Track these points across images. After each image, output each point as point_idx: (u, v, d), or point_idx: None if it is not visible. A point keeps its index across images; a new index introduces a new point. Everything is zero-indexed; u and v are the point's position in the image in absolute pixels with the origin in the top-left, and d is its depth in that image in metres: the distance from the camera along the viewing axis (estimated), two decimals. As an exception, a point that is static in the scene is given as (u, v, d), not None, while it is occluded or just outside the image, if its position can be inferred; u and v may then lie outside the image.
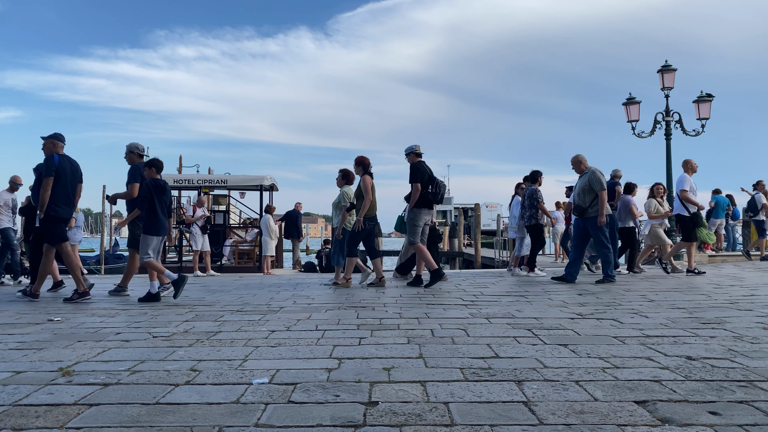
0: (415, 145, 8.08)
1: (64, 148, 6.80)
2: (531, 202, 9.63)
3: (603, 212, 8.08)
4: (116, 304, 6.29)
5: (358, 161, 8.17)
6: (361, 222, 7.84)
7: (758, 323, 4.37)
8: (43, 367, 3.17)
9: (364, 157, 8.20)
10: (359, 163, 8.14)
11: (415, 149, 8.04)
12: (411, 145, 8.13)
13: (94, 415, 2.31)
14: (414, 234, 7.87)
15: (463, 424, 2.15)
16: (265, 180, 15.16)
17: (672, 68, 13.68)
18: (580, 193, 8.36)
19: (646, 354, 3.32)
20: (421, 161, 8.00)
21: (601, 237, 8.23)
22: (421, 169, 7.88)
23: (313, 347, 3.64)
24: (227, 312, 5.41)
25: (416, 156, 8.01)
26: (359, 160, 8.16)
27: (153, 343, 3.84)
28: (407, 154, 8.10)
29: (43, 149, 6.75)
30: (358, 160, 8.18)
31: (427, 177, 7.87)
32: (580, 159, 8.56)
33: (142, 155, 7.54)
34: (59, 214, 6.57)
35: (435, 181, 7.94)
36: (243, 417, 2.26)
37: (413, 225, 7.87)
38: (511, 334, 4.00)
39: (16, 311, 5.68)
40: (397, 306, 5.71)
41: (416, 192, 7.76)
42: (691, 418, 2.20)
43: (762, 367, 2.98)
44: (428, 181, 7.86)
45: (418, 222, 7.86)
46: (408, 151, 8.10)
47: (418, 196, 7.76)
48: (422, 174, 7.84)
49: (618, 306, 5.51)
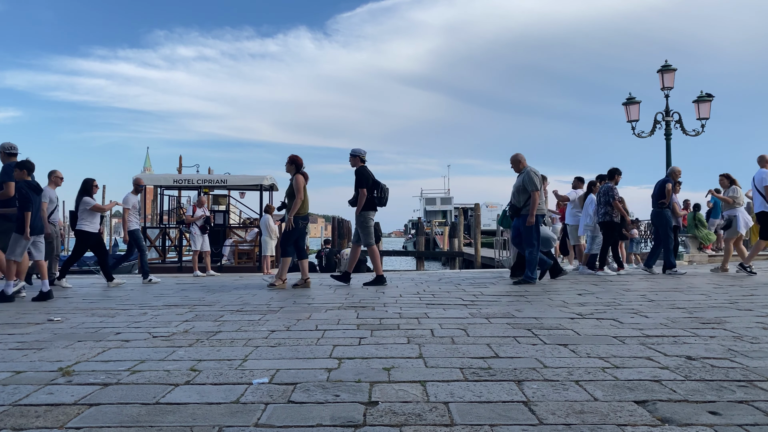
0: (363, 150, 8.38)
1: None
2: (606, 199, 9.77)
3: (533, 213, 8.09)
4: (116, 304, 6.29)
5: (291, 160, 8.24)
6: (291, 221, 7.99)
7: (758, 323, 4.37)
8: (43, 367, 3.17)
9: (297, 156, 8.29)
10: (292, 162, 8.22)
11: (361, 154, 8.34)
12: (359, 149, 8.36)
13: (94, 415, 2.31)
14: (369, 236, 8.24)
15: (463, 424, 2.15)
16: (264, 180, 15.17)
17: (672, 68, 13.69)
18: (515, 193, 8.44)
19: (646, 354, 3.32)
20: (365, 166, 8.32)
21: (530, 237, 8.27)
22: (366, 174, 8.22)
23: (313, 347, 3.64)
24: (227, 312, 5.41)
25: (361, 161, 8.31)
26: (292, 159, 8.24)
27: (153, 343, 3.84)
28: (353, 156, 8.32)
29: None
30: (291, 158, 8.25)
31: (372, 182, 8.22)
32: (519, 158, 8.58)
33: (12, 154, 7.68)
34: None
35: (379, 185, 8.29)
36: (243, 417, 2.26)
37: (366, 227, 8.22)
38: (511, 334, 4.00)
39: (16, 311, 5.68)
40: (397, 306, 5.71)
41: (362, 197, 8.11)
42: (691, 418, 2.20)
43: (762, 367, 2.98)
44: (373, 185, 8.23)
45: (370, 224, 8.27)
46: (355, 153, 8.33)
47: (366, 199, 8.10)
48: (368, 179, 8.19)
49: (618, 306, 5.51)
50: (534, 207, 8.10)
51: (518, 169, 8.50)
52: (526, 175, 8.23)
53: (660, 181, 10.03)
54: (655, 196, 9.95)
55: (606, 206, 9.76)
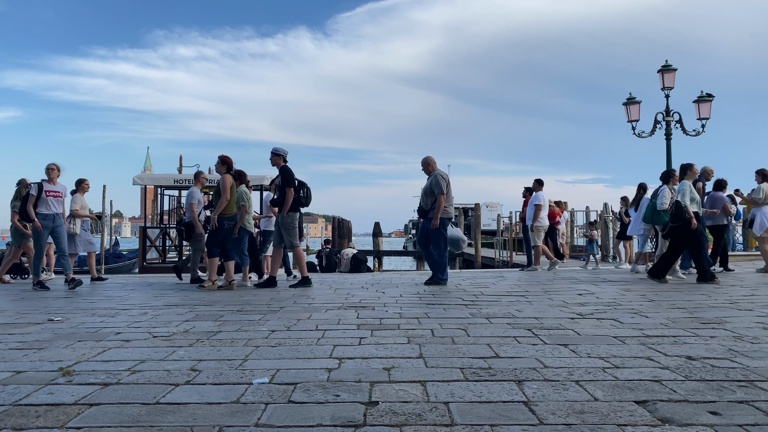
0: (285, 150, 8.20)
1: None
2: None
3: (437, 216, 8.12)
4: (116, 304, 6.29)
5: (222, 160, 8.26)
6: (215, 220, 7.97)
7: (758, 323, 4.37)
8: (44, 366, 3.17)
9: (227, 156, 8.32)
10: (223, 162, 8.24)
11: (284, 153, 8.16)
12: (281, 148, 8.18)
13: (94, 415, 2.31)
14: (294, 237, 8.10)
15: (463, 424, 2.15)
16: (265, 180, 15.14)
17: (672, 68, 13.69)
18: (423, 196, 8.51)
19: (646, 354, 3.32)
20: (288, 166, 8.14)
21: (437, 239, 8.31)
22: (292, 173, 8.07)
23: (313, 347, 3.64)
24: (227, 312, 5.41)
25: (284, 161, 8.12)
26: (222, 159, 8.27)
27: (153, 343, 3.84)
28: (276, 155, 8.12)
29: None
30: (222, 158, 8.27)
31: (297, 182, 8.09)
32: (429, 161, 8.62)
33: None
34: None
35: (304, 186, 8.20)
36: (243, 417, 2.26)
37: (291, 228, 8.07)
38: (511, 334, 4.00)
39: (17, 311, 5.68)
40: (397, 306, 5.71)
41: (290, 196, 7.94)
42: (691, 418, 2.20)
43: (762, 367, 2.98)
44: (299, 185, 8.12)
45: (295, 224, 8.11)
46: (278, 152, 8.13)
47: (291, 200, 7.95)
48: (294, 178, 8.03)
49: (618, 306, 5.51)
50: (439, 210, 8.15)
51: (428, 172, 8.57)
52: (434, 179, 8.28)
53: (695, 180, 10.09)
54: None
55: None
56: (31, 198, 8.36)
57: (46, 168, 8.65)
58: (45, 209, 8.42)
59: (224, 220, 8.03)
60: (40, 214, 8.35)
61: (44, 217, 8.38)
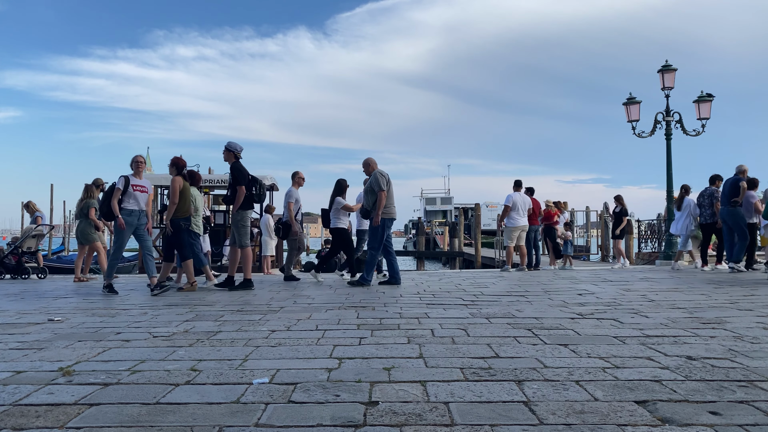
0: (239, 146, 8.01)
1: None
2: (710, 201, 10.48)
3: (378, 213, 8.18)
4: (116, 304, 6.29)
5: (173, 162, 8.11)
6: (169, 225, 7.88)
7: (758, 323, 4.37)
8: (44, 366, 3.17)
9: (179, 158, 8.19)
10: (174, 164, 8.09)
11: (236, 150, 7.95)
12: (236, 144, 7.99)
13: (94, 415, 2.31)
14: (245, 236, 7.95)
15: (464, 424, 2.15)
16: (264, 180, 15.13)
17: (672, 68, 13.68)
18: (365, 195, 8.58)
19: (646, 354, 3.32)
20: (240, 162, 7.96)
21: (373, 238, 8.37)
22: (243, 170, 7.88)
23: (313, 347, 3.64)
24: (227, 312, 5.41)
25: (236, 157, 7.93)
26: (174, 161, 8.11)
27: (153, 343, 3.84)
28: (228, 151, 7.92)
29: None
30: (173, 160, 8.12)
31: (249, 178, 7.90)
32: (369, 162, 8.73)
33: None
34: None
35: (257, 182, 8.00)
36: (243, 417, 2.26)
37: (242, 227, 7.91)
38: (512, 334, 4.00)
39: (17, 311, 5.68)
40: (397, 306, 5.71)
41: (242, 194, 7.74)
42: (691, 418, 2.20)
43: (762, 367, 2.98)
44: (251, 182, 7.91)
45: (246, 223, 7.97)
46: (230, 148, 7.94)
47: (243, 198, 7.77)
48: (245, 175, 7.85)
49: (618, 306, 5.51)
50: (380, 207, 8.18)
51: (368, 172, 8.65)
52: (373, 177, 8.35)
53: (730, 180, 10.29)
54: (727, 195, 10.18)
55: (710, 208, 10.46)
56: (117, 192, 7.59)
57: (133, 160, 7.87)
58: (131, 204, 7.65)
59: (180, 221, 7.85)
60: (125, 209, 7.56)
61: (129, 213, 7.60)
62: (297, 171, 9.86)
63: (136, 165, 7.84)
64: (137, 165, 7.85)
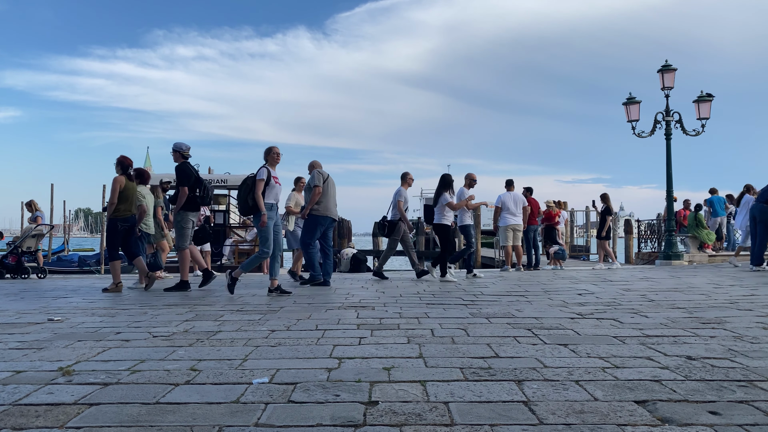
0: (186, 145, 7.92)
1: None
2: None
3: (308, 207, 8.29)
4: (116, 303, 6.29)
5: (119, 161, 8.04)
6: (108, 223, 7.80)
7: (758, 323, 4.37)
8: (43, 366, 3.17)
9: (125, 157, 8.11)
10: (119, 163, 8.01)
11: (183, 150, 7.85)
12: (182, 143, 7.91)
13: (94, 415, 2.31)
14: (183, 238, 7.79)
15: (463, 424, 2.15)
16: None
17: (672, 68, 13.67)
18: (305, 192, 8.74)
19: (646, 354, 3.32)
20: (188, 162, 7.87)
21: (306, 235, 8.42)
22: (188, 170, 7.77)
23: (313, 347, 3.64)
24: (227, 312, 5.41)
25: (182, 157, 7.83)
26: (119, 160, 8.04)
27: (153, 343, 3.84)
28: (175, 151, 7.84)
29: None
30: (119, 159, 8.05)
31: (194, 179, 7.78)
32: (314, 164, 8.87)
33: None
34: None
35: (202, 183, 7.88)
36: (243, 417, 2.26)
37: (181, 228, 7.76)
38: (511, 334, 4.00)
39: (17, 311, 5.68)
40: (397, 306, 5.71)
41: (183, 195, 7.64)
42: (691, 417, 2.20)
43: (762, 366, 2.98)
44: (195, 183, 7.78)
45: (187, 225, 7.81)
46: (176, 148, 7.85)
47: (186, 198, 7.67)
48: (189, 176, 7.73)
49: (618, 306, 5.51)
50: (312, 202, 8.25)
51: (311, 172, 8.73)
52: (311, 175, 8.46)
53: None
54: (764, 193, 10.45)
55: None
56: (260, 183, 7.11)
57: (269, 151, 7.43)
58: (270, 198, 7.24)
59: (117, 221, 7.78)
60: (266, 204, 7.16)
61: (270, 207, 7.21)
62: (407, 172, 9.89)
63: (276, 156, 7.41)
64: (276, 156, 7.42)
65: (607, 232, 12.79)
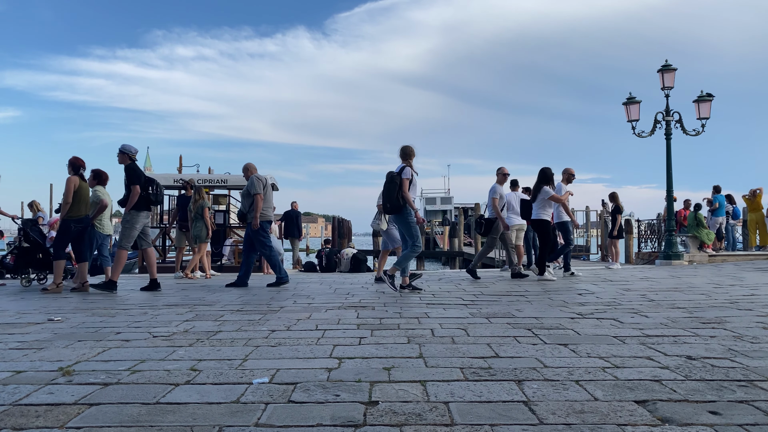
0: (135, 148, 7.91)
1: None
2: None
3: (256, 216, 8.25)
4: (116, 303, 6.29)
5: (71, 162, 7.99)
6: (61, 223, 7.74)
7: (758, 323, 4.37)
8: (43, 366, 3.17)
9: (77, 158, 8.06)
10: (71, 164, 7.96)
11: (132, 153, 7.84)
12: (130, 146, 7.88)
13: (94, 415, 2.31)
14: (128, 238, 7.72)
15: (463, 424, 2.15)
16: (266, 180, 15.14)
17: (672, 68, 13.66)
18: (243, 198, 8.67)
19: (646, 354, 3.32)
20: (135, 163, 7.87)
21: (260, 240, 8.41)
22: (138, 170, 7.81)
23: (313, 347, 3.64)
24: (227, 312, 5.41)
25: (130, 159, 7.82)
26: (71, 161, 7.99)
27: (153, 343, 3.84)
28: (122, 153, 7.81)
29: None
30: (71, 160, 8.00)
31: (145, 179, 7.81)
32: (248, 167, 8.85)
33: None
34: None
35: (153, 183, 7.90)
36: (243, 417, 2.26)
37: (127, 228, 7.73)
38: (511, 334, 4.00)
39: (17, 311, 5.68)
40: (397, 306, 5.71)
41: (135, 194, 7.62)
42: (691, 417, 2.20)
43: (762, 366, 2.98)
44: (147, 182, 7.80)
45: (136, 225, 7.78)
46: (124, 150, 7.83)
47: (137, 198, 7.65)
48: (140, 176, 7.75)
49: (618, 306, 5.51)
50: (257, 210, 8.24)
51: (247, 177, 8.71)
52: (250, 182, 8.41)
53: None
54: None
55: None
56: (405, 182, 7.01)
57: (411, 151, 7.30)
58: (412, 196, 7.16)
59: (71, 222, 7.72)
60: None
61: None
62: (501, 167, 9.74)
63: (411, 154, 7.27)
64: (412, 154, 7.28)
65: (618, 231, 12.79)
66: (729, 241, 16.25)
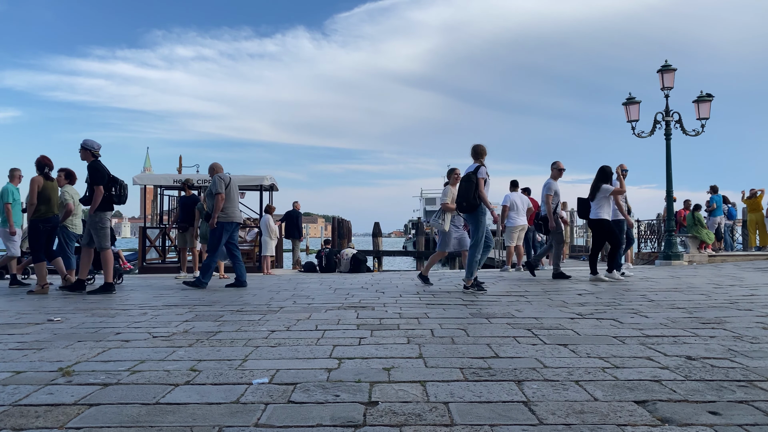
0: (97, 144, 7.62)
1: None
2: None
3: (214, 216, 8.32)
4: (116, 303, 6.29)
5: (37, 162, 7.86)
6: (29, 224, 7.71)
7: (758, 323, 4.37)
8: (43, 367, 3.16)
9: (44, 157, 7.93)
10: (36, 163, 7.85)
11: (94, 148, 7.55)
12: (91, 142, 7.58)
13: (94, 415, 2.31)
14: (104, 238, 7.57)
15: (463, 424, 2.15)
16: (264, 180, 15.15)
17: (672, 68, 13.66)
18: (207, 198, 8.76)
19: (646, 354, 3.32)
20: (99, 161, 7.60)
21: (211, 242, 8.47)
22: (102, 169, 7.52)
23: (313, 347, 3.64)
24: (227, 312, 5.41)
25: (93, 156, 7.53)
26: (37, 161, 7.87)
27: (153, 343, 3.84)
28: (85, 149, 7.52)
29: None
30: (37, 160, 7.87)
31: (108, 178, 7.56)
32: (214, 167, 8.93)
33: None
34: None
35: (117, 182, 7.67)
36: (243, 417, 2.26)
37: (101, 228, 7.55)
38: (511, 334, 4.00)
39: (16, 311, 5.68)
40: (397, 306, 5.71)
41: (99, 194, 7.40)
42: (691, 417, 2.20)
43: (762, 366, 2.98)
44: (110, 182, 7.57)
45: (106, 224, 7.64)
46: (86, 146, 7.52)
47: (101, 198, 7.44)
48: (103, 175, 7.49)
49: (618, 306, 5.51)
50: (216, 210, 8.28)
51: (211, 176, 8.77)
52: (212, 182, 8.48)
53: None
54: None
55: None
56: (481, 182, 6.95)
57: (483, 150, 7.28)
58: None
59: (38, 222, 7.66)
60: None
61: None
62: (556, 161, 9.51)
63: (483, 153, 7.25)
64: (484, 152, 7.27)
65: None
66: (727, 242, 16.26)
